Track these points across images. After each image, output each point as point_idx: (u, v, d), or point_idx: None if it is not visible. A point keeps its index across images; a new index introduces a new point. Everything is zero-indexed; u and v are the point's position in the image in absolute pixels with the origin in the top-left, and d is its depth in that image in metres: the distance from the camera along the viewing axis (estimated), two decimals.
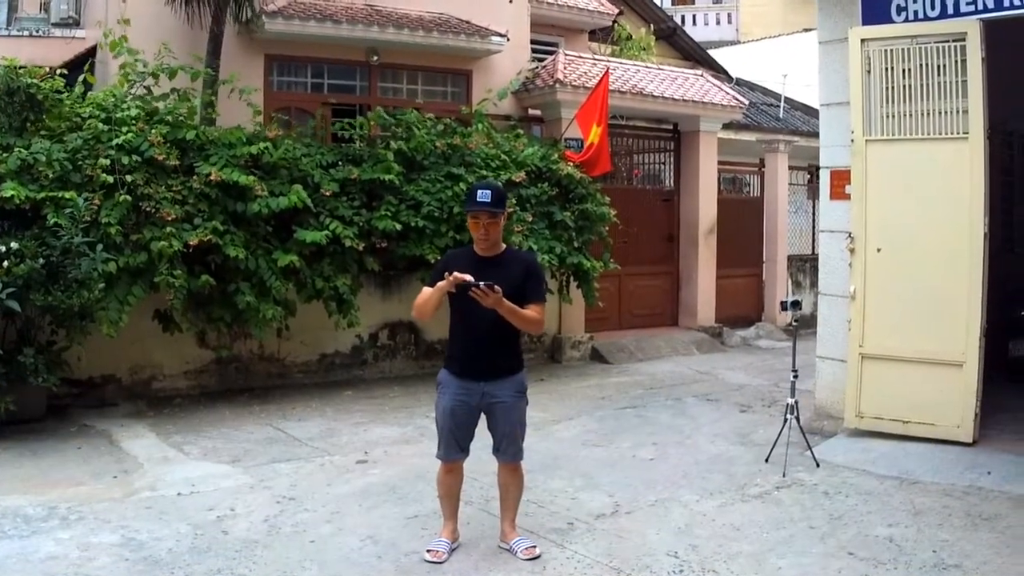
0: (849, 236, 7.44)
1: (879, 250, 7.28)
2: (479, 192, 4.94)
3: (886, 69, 7.28)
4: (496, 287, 4.66)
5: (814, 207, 16.51)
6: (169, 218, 8.07)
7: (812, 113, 18.64)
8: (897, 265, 7.20)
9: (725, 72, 20.35)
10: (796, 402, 6.90)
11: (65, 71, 8.87)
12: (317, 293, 9.05)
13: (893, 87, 7.26)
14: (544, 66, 12.74)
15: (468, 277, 4.66)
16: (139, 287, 8.09)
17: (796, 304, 6.92)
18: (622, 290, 13.37)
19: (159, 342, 9.10)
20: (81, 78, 9.05)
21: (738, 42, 29.53)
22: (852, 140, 7.42)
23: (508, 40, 12.07)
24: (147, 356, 9.33)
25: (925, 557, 5.02)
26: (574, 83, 11.96)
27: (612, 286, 12.84)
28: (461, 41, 11.72)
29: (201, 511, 5.77)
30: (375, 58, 11.53)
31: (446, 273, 4.74)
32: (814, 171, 16.73)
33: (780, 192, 15.36)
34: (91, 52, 11.70)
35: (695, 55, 21.05)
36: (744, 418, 8.81)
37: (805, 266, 16.05)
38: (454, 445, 5.10)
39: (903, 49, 7.19)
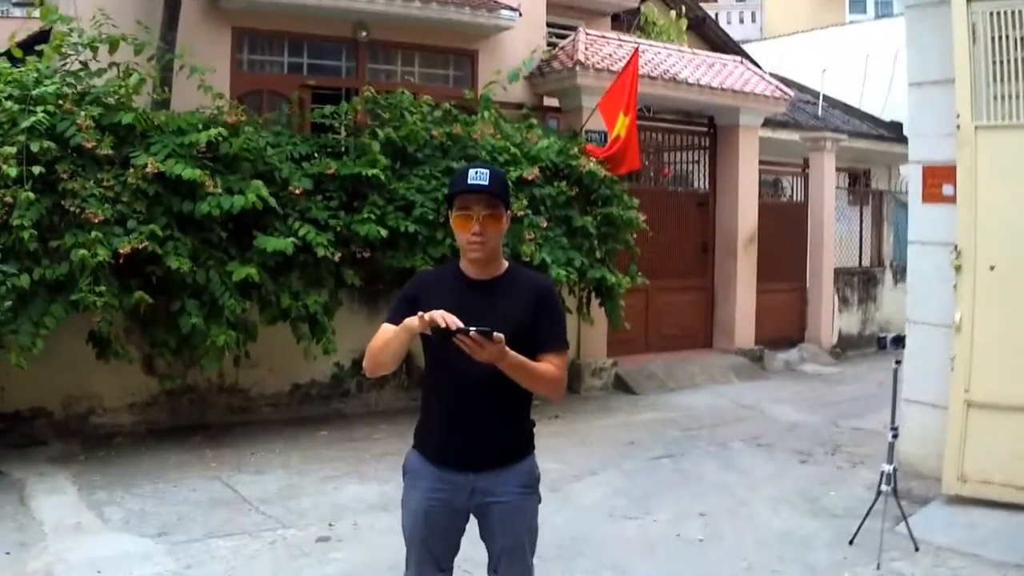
0: (954, 249, 6.02)
1: (993, 268, 5.97)
2: (471, 172, 3.23)
3: (995, 38, 6.01)
4: (496, 334, 2.96)
5: (861, 214, 15.02)
6: (95, 220, 6.57)
7: (851, 112, 17.29)
8: (1016, 287, 5.89)
9: (757, 65, 18.82)
10: (895, 470, 5.27)
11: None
12: (283, 313, 7.51)
13: (1005, 61, 5.95)
14: (562, 47, 11.15)
15: (451, 318, 2.94)
16: (59, 305, 6.62)
17: (899, 341, 5.27)
18: (650, 307, 11.74)
19: (98, 369, 7.60)
20: (3, 51, 7.59)
21: (763, 38, 28.47)
22: (958, 126, 6.09)
23: (520, 15, 10.57)
24: (84, 385, 7.87)
25: None
26: (597, 66, 10.39)
27: (639, 303, 11.23)
28: (465, 15, 10.20)
29: None
30: (364, 34, 10.07)
31: (420, 311, 3.05)
32: (859, 174, 15.33)
33: (827, 196, 13.68)
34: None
35: (726, 47, 19.45)
36: (807, 472, 7.27)
37: (853, 280, 14.49)
38: (429, 563, 3.35)
39: (1017, 11, 5.86)
